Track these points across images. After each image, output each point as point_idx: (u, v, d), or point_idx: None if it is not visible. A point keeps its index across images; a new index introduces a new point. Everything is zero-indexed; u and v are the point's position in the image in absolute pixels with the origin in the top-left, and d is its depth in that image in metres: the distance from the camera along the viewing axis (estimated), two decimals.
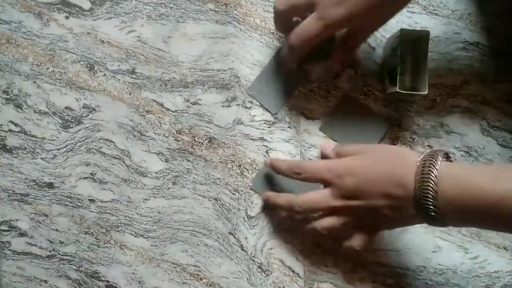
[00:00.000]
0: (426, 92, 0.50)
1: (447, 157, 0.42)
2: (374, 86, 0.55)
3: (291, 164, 0.49)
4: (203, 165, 0.55)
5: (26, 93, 0.55)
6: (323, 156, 0.52)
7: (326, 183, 0.47)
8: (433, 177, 0.39)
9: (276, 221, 0.54)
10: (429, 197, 0.39)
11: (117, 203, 0.55)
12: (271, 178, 0.55)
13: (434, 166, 0.39)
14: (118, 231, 0.55)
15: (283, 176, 0.51)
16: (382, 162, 0.44)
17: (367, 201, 0.44)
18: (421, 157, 0.41)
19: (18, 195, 0.55)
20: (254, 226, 0.55)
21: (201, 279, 0.55)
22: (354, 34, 0.50)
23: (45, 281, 0.55)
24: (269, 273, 0.55)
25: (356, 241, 0.47)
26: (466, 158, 0.55)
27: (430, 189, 0.39)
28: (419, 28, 0.54)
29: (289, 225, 0.54)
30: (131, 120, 0.55)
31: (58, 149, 0.55)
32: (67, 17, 0.55)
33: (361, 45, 0.52)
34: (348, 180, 0.45)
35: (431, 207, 0.39)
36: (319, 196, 0.47)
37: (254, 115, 0.55)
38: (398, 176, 0.42)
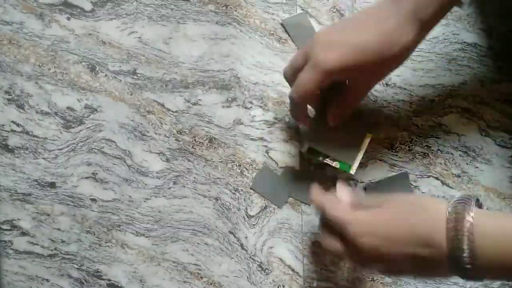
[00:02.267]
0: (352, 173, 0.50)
1: (477, 204, 0.38)
2: None
3: (317, 202, 0.46)
4: (204, 165, 0.56)
5: (28, 93, 0.56)
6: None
7: (342, 239, 0.42)
8: (468, 233, 0.35)
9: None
10: (465, 257, 0.35)
11: (119, 203, 0.56)
12: (271, 178, 0.55)
13: (467, 220, 0.35)
14: (120, 230, 0.56)
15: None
16: (406, 217, 0.39)
17: (388, 265, 0.40)
18: (450, 209, 0.37)
19: (20, 194, 0.56)
20: (254, 225, 0.55)
21: (201, 277, 0.56)
22: (352, 87, 0.46)
23: (47, 280, 0.56)
24: (269, 272, 0.55)
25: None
26: (464, 158, 0.55)
27: (466, 247, 0.35)
28: None
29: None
30: (132, 120, 0.56)
31: (60, 149, 0.56)
32: (68, 18, 0.56)
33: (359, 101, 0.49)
34: (366, 240, 0.40)
35: (468, 266, 0.35)
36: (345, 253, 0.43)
37: (254, 115, 0.56)
38: (424, 234, 0.37)
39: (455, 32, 0.55)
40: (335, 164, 0.50)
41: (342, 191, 0.47)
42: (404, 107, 0.55)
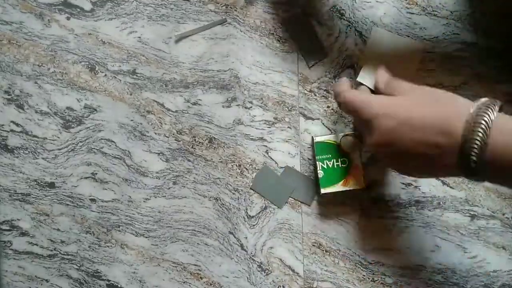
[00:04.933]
0: (362, 187, 0.52)
1: (501, 109, 0.38)
2: None
3: (336, 89, 0.47)
4: (204, 165, 0.56)
5: (27, 93, 0.56)
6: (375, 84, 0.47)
7: (361, 120, 0.43)
8: (485, 126, 0.35)
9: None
10: (475, 148, 0.35)
11: (118, 203, 0.56)
12: (271, 178, 0.55)
13: (489, 115, 0.35)
14: (119, 231, 0.56)
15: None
16: (428, 105, 0.39)
17: (400, 147, 0.39)
18: (476, 104, 0.37)
19: (19, 194, 0.56)
20: (254, 225, 0.55)
21: (201, 278, 0.56)
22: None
23: (46, 280, 0.56)
24: (269, 272, 0.55)
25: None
26: None
27: (480, 139, 0.35)
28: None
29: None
30: (132, 120, 0.56)
31: (59, 149, 0.56)
32: (68, 18, 0.56)
33: None
34: (383, 121, 0.40)
35: (475, 158, 0.36)
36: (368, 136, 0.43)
37: (254, 115, 0.56)
38: (442, 121, 0.37)
39: (455, 32, 0.55)
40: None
41: (381, 71, 0.46)
42: None
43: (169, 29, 0.56)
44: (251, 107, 0.56)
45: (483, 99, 0.38)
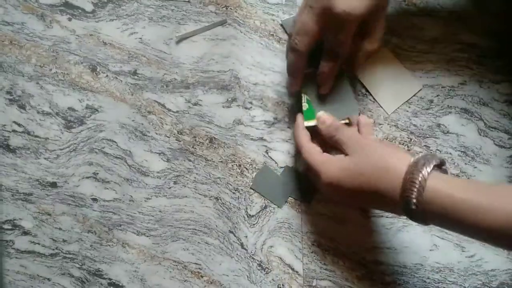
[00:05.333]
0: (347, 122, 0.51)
1: (440, 164, 0.42)
2: None
3: (296, 140, 0.51)
4: (204, 165, 0.56)
5: (29, 94, 0.56)
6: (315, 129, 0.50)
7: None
8: (417, 192, 0.40)
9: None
10: (412, 209, 0.40)
11: (120, 202, 0.56)
12: (271, 177, 0.56)
13: (420, 181, 0.40)
14: (121, 230, 0.56)
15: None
16: (368, 178, 0.43)
17: (349, 204, 0.52)
18: (408, 171, 0.41)
19: (21, 194, 0.56)
20: (254, 224, 0.56)
21: (202, 276, 0.56)
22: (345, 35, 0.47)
23: (48, 279, 0.56)
24: (269, 270, 0.56)
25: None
26: (463, 158, 0.55)
27: (414, 203, 0.40)
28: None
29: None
30: (133, 120, 0.56)
31: (61, 149, 0.56)
32: (69, 19, 0.56)
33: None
34: (332, 191, 0.47)
35: (415, 218, 0.42)
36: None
37: (254, 116, 0.56)
38: (383, 192, 0.42)
39: (454, 32, 0.55)
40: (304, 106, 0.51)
41: (323, 117, 0.50)
42: (403, 107, 0.55)
43: (170, 30, 0.56)
44: (251, 107, 0.56)
45: (418, 158, 0.42)
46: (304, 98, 0.51)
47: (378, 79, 0.55)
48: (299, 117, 0.51)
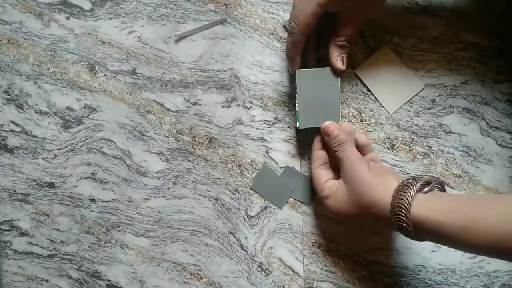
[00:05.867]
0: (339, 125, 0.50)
1: (426, 183, 0.44)
2: None
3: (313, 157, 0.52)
4: (204, 165, 0.56)
5: (27, 93, 0.56)
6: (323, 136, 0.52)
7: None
8: (404, 216, 0.42)
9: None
10: (407, 229, 0.43)
11: (118, 203, 0.56)
12: (271, 178, 0.55)
13: (405, 206, 0.42)
14: (119, 231, 0.56)
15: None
16: (361, 209, 0.46)
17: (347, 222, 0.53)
18: (392, 202, 0.44)
19: (19, 195, 0.56)
20: (254, 225, 0.55)
21: (201, 278, 0.56)
22: (344, 23, 0.49)
23: (46, 281, 0.56)
24: (269, 272, 0.55)
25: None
26: (465, 158, 0.55)
27: (405, 224, 0.43)
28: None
29: None
30: (131, 120, 0.56)
31: (59, 149, 0.56)
32: (67, 18, 0.56)
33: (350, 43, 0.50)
34: (333, 214, 0.50)
35: (411, 236, 0.44)
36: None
37: (254, 115, 0.56)
38: (376, 221, 0.46)
39: (455, 32, 0.55)
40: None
41: (331, 126, 0.51)
42: (405, 107, 0.55)
43: (169, 29, 0.55)
44: (251, 107, 0.56)
45: (402, 183, 0.44)
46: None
47: (379, 79, 0.55)
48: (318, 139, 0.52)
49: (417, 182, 0.44)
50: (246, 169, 0.55)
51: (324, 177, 0.51)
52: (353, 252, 0.55)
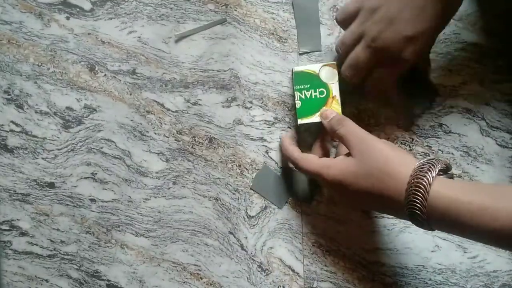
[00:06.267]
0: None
1: (446, 169, 0.42)
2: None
3: (287, 155, 0.51)
4: (204, 165, 0.56)
5: (27, 93, 0.56)
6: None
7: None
8: (421, 199, 0.40)
9: None
10: (418, 215, 0.41)
11: (118, 203, 0.56)
12: (271, 178, 0.55)
13: (424, 187, 0.40)
14: (119, 231, 0.56)
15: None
16: (372, 178, 0.43)
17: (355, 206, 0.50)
18: (412, 174, 0.41)
19: (19, 195, 0.56)
20: (254, 225, 0.55)
21: (201, 278, 0.55)
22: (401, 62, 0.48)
23: (46, 281, 0.56)
24: (269, 272, 0.55)
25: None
26: (465, 158, 0.55)
27: (418, 209, 0.40)
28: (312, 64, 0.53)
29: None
30: (131, 120, 0.56)
31: (59, 149, 0.56)
32: (68, 18, 0.56)
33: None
34: (337, 193, 0.48)
35: (422, 221, 0.41)
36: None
37: (254, 115, 0.56)
38: (388, 196, 0.42)
39: (456, 32, 0.55)
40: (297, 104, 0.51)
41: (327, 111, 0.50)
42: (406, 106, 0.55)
43: (169, 28, 0.55)
44: (251, 107, 0.56)
45: (423, 162, 0.42)
46: (297, 95, 0.51)
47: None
48: (285, 138, 0.53)
49: (438, 165, 0.41)
50: (246, 169, 0.55)
51: (313, 155, 0.49)
52: (353, 252, 0.55)
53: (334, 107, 0.51)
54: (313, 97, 0.51)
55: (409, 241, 0.55)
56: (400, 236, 0.55)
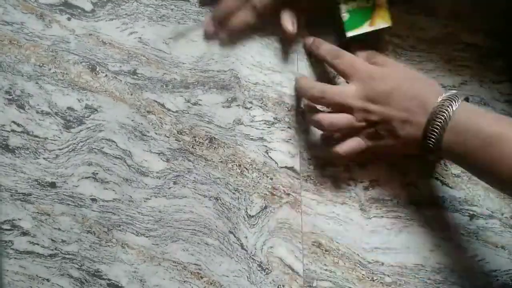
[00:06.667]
0: (389, 25, 0.50)
1: (466, 100, 0.46)
2: None
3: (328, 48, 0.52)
4: (204, 165, 0.56)
5: (28, 93, 0.56)
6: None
7: (355, 80, 0.49)
8: (447, 112, 0.44)
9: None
10: (432, 140, 0.45)
11: (119, 203, 0.56)
12: None
13: (452, 104, 0.44)
14: (120, 230, 0.56)
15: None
16: (413, 81, 0.47)
17: (386, 108, 0.47)
18: (443, 95, 0.45)
19: (20, 194, 0.56)
20: (254, 225, 0.56)
21: (201, 277, 0.56)
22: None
23: (47, 280, 0.56)
24: (269, 271, 0.55)
25: (346, 146, 0.50)
26: None
27: (436, 134, 0.44)
28: None
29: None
30: (132, 120, 0.56)
31: (60, 149, 0.56)
32: (69, 19, 0.56)
33: None
34: (378, 83, 0.47)
35: (432, 146, 0.45)
36: (346, 90, 0.49)
37: (254, 115, 0.56)
38: (422, 97, 0.46)
39: (454, 32, 0.55)
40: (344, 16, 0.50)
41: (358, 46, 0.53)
42: None
43: (170, 29, 0.56)
44: (251, 107, 0.56)
45: (450, 93, 0.45)
46: (343, 8, 0.50)
47: None
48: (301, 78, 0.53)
49: (459, 98, 0.45)
50: (246, 169, 0.56)
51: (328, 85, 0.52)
52: (352, 252, 0.55)
53: (382, 14, 0.50)
54: (360, 7, 0.50)
55: (409, 240, 0.55)
56: (399, 236, 0.55)
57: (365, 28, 0.50)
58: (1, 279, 0.56)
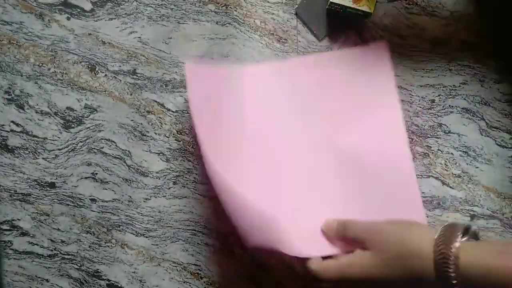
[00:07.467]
0: (370, 12, 0.50)
1: (466, 229, 0.42)
2: None
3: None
4: (204, 165, 0.56)
5: (27, 93, 0.56)
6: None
7: None
8: (453, 266, 0.39)
9: None
10: (453, 283, 0.39)
11: (118, 203, 0.56)
12: (319, 5, 0.55)
13: (451, 259, 0.39)
14: (119, 231, 0.56)
15: None
16: (395, 264, 0.42)
17: None
18: (435, 250, 0.40)
19: (20, 194, 0.56)
20: None
21: (201, 278, 0.56)
22: None
23: (47, 280, 0.56)
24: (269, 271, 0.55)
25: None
26: (464, 158, 0.55)
27: (453, 279, 0.39)
28: None
29: None
30: (132, 120, 0.56)
31: (60, 149, 0.56)
32: (68, 18, 0.56)
33: None
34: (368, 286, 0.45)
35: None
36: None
37: None
38: (416, 275, 0.41)
39: (455, 32, 0.55)
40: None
41: (328, 223, 0.50)
42: (404, 107, 0.55)
43: (169, 29, 0.56)
44: None
45: (442, 232, 0.41)
46: None
47: None
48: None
49: (457, 231, 0.41)
50: None
51: (332, 261, 0.47)
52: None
53: (368, 2, 0.51)
54: None
55: None
56: None
57: (348, 2, 0.51)
58: (0, 280, 0.56)
